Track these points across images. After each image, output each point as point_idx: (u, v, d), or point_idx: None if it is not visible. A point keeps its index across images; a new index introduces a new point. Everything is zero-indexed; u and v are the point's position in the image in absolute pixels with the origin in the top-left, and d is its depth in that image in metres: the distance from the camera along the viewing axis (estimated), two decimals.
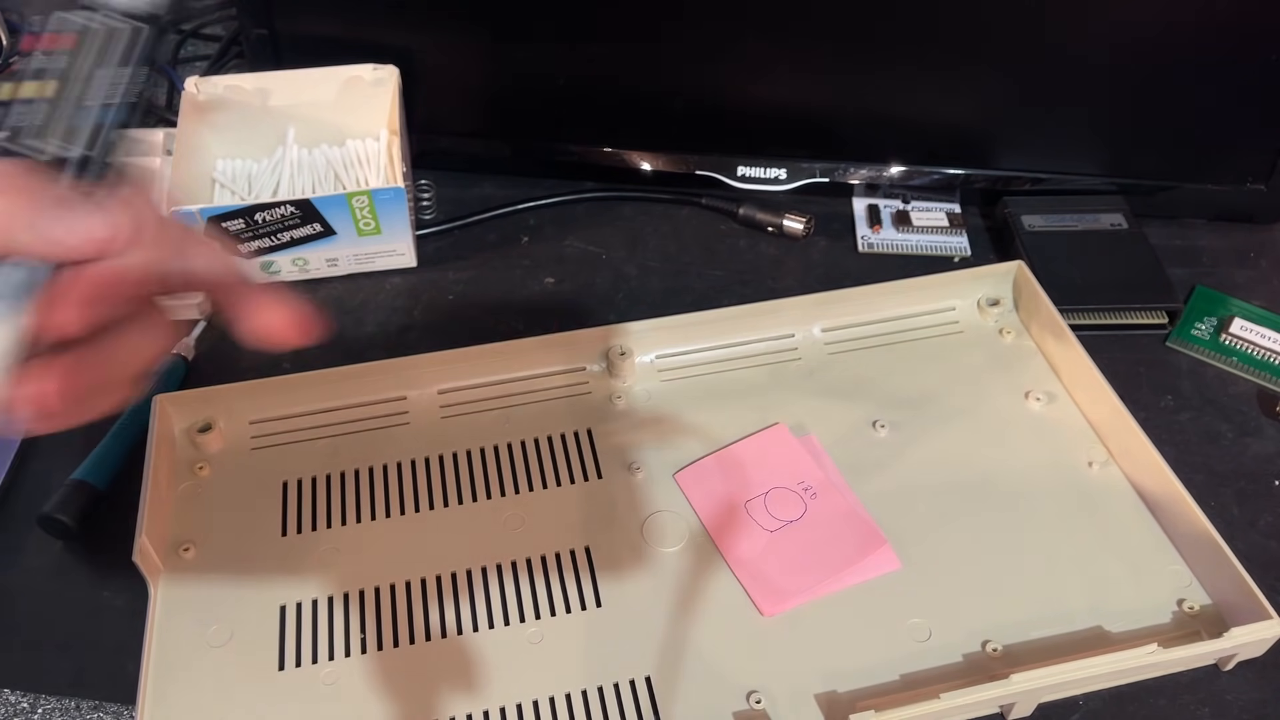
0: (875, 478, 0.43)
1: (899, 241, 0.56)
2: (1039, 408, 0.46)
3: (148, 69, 0.29)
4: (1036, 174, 0.56)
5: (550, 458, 0.44)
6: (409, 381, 0.45)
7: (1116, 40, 0.51)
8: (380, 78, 0.54)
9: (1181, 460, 0.45)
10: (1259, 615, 0.37)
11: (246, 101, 0.54)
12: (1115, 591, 0.39)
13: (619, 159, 0.57)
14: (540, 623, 0.38)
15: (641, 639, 0.38)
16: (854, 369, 0.48)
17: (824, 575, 0.40)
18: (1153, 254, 0.53)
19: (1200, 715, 0.37)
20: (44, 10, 0.30)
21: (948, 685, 0.36)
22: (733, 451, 0.44)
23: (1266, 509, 0.44)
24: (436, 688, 0.36)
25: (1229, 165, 0.55)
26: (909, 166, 0.56)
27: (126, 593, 0.41)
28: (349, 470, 0.43)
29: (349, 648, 0.38)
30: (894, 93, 0.54)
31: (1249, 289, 0.54)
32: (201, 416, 0.44)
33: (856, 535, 0.41)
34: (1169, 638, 0.38)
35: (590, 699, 0.36)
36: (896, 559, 0.41)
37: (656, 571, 0.39)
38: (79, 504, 0.42)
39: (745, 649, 0.38)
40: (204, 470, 0.43)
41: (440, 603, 0.39)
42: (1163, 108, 0.53)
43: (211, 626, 0.38)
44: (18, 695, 0.38)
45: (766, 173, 0.56)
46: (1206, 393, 0.49)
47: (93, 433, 0.45)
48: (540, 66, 0.55)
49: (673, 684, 0.37)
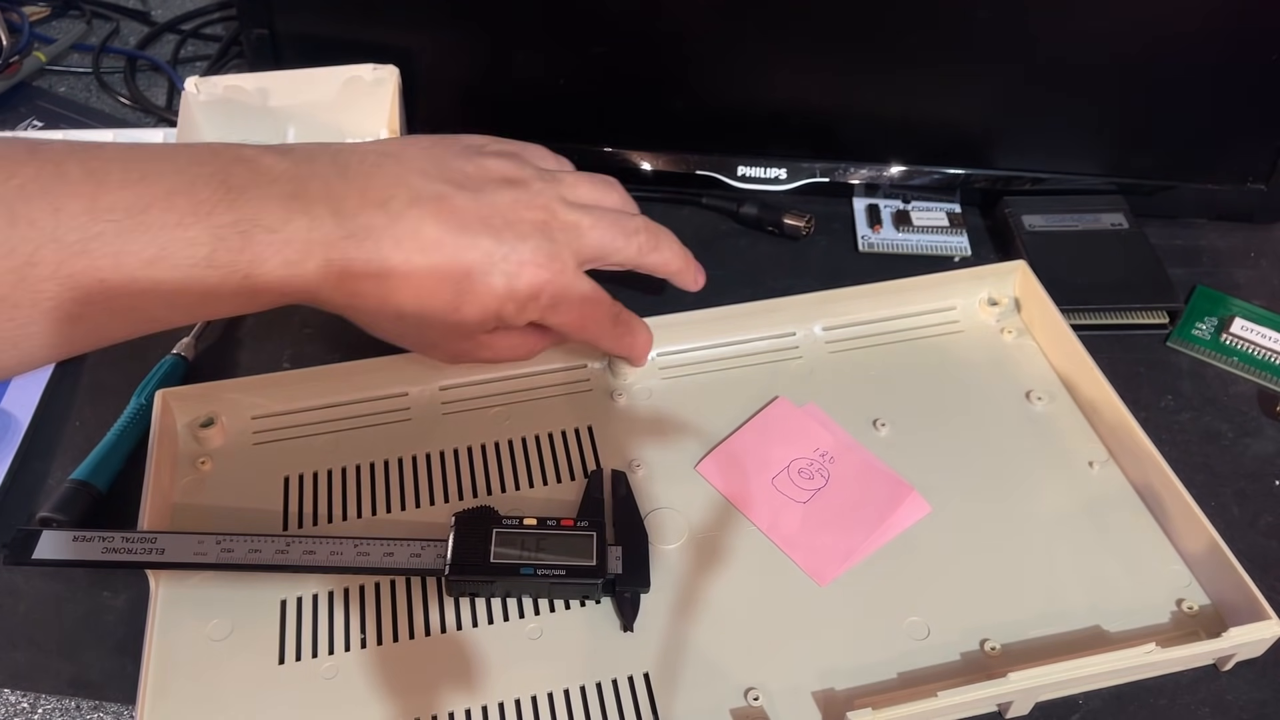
0: None
1: (899, 241, 0.56)
2: (1039, 408, 0.46)
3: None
4: (1036, 174, 0.56)
5: (551, 454, 0.44)
6: (410, 378, 0.46)
7: (1117, 40, 0.51)
8: (380, 78, 0.54)
9: (1181, 460, 0.45)
10: (1258, 615, 0.37)
11: (246, 101, 0.54)
12: (1114, 591, 0.39)
13: (619, 159, 0.57)
14: (540, 619, 0.38)
15: (640, 636, 0.38)
16: (855, 368, 0.48)
17: (866, 533, 0.41)
18: (1153, 254, 0.53)
19: (1200, 715, 0.37)
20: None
21: (945, 683, 0.36)
22: (744, 433, 0.44)
23: (1266, 509, 0.44)
24: (436, 682, 0.37)
25: (1229, 165, 0.55)
26: (909, 166, 0.56)
27: (126, 593, 0.41)
28: (350, 466, 0.43)
29: (349, 642, 0.38)
30: (894, 93, 0.55)
31: (1250, 289, 0.54)
32: (204, 411, 0.44)
33: (884, 489, 0.42)
34: (1168, 637, 0.38)
35: (589, 695, 0.36)
36: (926, 503, 0.41)
37: (656, 568, 0.39)
38: (79, 504, 0.42)
39: (743, 646, 0.38)
40: (206, 465, 0.43)
41: (440, 598, 0.39)
42: (1162, 108, 0.53)
43: (212, 621, 0.38)
44: (18, 695, 0.38)
45: (767, 172, 0.56)
46: (1207, 393, 0.49)
47: (93, 433, 0.45)
48: (540, 66, 0.55)
49: (671, 681, 0.37)
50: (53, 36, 0.69)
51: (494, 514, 0.39)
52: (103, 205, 0.32)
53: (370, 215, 0.35)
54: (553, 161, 0.43)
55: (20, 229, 0.30)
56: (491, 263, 0.37)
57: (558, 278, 0.38)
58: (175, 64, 0.68)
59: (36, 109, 0.64)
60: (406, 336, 0.39)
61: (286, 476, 0.43)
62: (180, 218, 0.32)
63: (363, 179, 0.36)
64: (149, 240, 0.32)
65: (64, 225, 0.31)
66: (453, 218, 0.36)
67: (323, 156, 0.37)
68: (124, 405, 0.46)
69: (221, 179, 0.34)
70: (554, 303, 0.39)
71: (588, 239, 0.39)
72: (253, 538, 0.38)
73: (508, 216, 0.37)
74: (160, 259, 0.32)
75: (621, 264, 0.41)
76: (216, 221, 0.33)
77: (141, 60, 0.69)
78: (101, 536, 0.37)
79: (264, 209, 0.34)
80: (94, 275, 0.32)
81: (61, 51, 0.69)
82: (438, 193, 0.37)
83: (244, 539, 0.38)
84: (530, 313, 0.38)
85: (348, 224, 0.35)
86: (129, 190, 0.32)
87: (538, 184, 0.39)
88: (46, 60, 0.67)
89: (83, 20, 0.71)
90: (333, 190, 0.35)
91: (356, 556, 0.38)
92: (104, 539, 0.37)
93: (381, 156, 0.38)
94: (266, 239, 0.34)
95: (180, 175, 0.33)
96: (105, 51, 0.69)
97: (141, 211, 0.32)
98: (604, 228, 0.40)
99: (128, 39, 0.71)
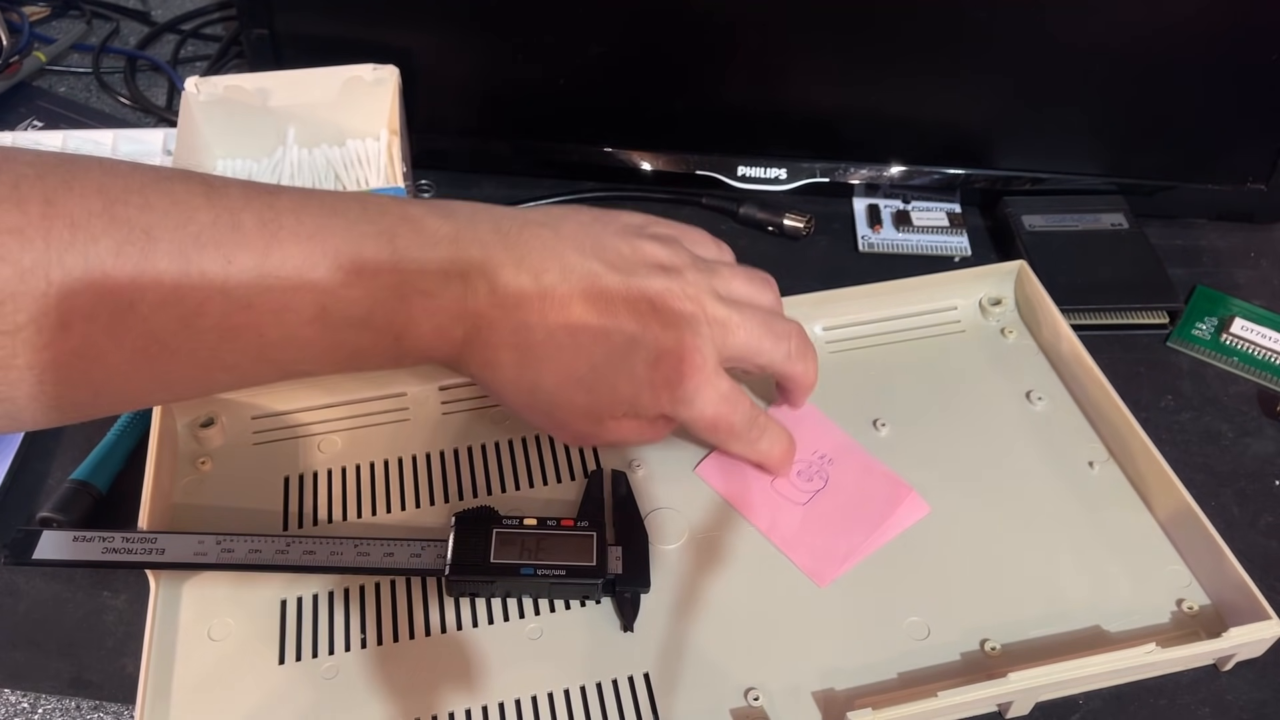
0: None
1: (899, 241, 0.56)
2: (1039, 408, 0.46)
3: None
4: (1036, 174, 0.56)
5: (551, 454, 0.44)
6: (410, 377, 0.45)
7: (1117, 40, 0.51)
8: (380, 78, 0.54)
9: (1181, 460, 0.45)
10: (1258, 615, 0.37)
11: (246, 101, 0.54)
12: (1114, 591, 0.39)
13: (619, 159, 0.57)
14: (540, 619, 0.38)
15: (640, 636, 0.38)
16: (855, 368, 0.48)
17: (865, 534, 0.40)
18: (1153, 254, 0.53)
19: (1200, 715, 0.37)
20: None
21: (945, 683, 0.36)
22: None
23: (1266, 509, 0.44)
24: (436, 682, 0.36)
25: (1229, 165, 0.55)
26: (909, 166, 0.56)
27: (126, 592, 0.41)
28: (350, 466, 0.43)
29: (349, 642, 0.38)
30: (894, 93, 0.55)
31: (1250, 289, 0.54)
32: (204, 411, 0.44)
33: (883, 490, 0.42)
34: (1168, 637, 0.38)
35: (589, 695, 0.36)
36: (925, 504, 0.41)
37: (656, 568, 0.39)
38: (79, 504, 0.42)
39: (743, 646, 0.38)
40: (206, 465, 0.43)
41: (440, 598, 0.39)
42: (1163, 108, 0.53)
43: (212, 621, 0.38)
44: (18, 695, 0.38)
45: (767, 173, 0.56)
46: (1207, 393, 0.49)
47: (93, 433, 0.45)
48: (540, 66, 0.55)
49: (671, 681, 0.37)
50: (53, 36, 0.69)
51: (494, 514, 0.39)
52: (274, 261, 0.32)
53: (522, 286, 0.35)
54: (713, 248, 0.42)
55: (192, 279, 0.30)
56: (633, 349, 0.36)
57: (696, 373, 0.37)
58: (175, 64, 0.68)
59: (36, 109, 0.64)
60: (536, 411, 0.39)
61: (286, 476, 0.43)
62: (346, 278, 0.33)
63: (520, 248, 0.36)
64: (313, 299, 0.32)
65: (234, 279, 0.31)
66: (601, 298, 0.36)
67: (485, 221, 0.37)
68: None
69: (388, 239, 0.34)
70: (690, 398, 0.37)
71: (735, 337, 0.38)
72: (253, 538, 0.38)
73: (656, 304, 0.37)
74: (320, 317, 0.33)
75: (764, 367, 0.40)
76: (379, 284, 0.33)
77: (141, 60, 0.69)
78: (101, 536, 0.37)
79: (424, 274, 0.34)
80: (255, 330, 0.32)
81: (61, 51, 0.69)
82: (590, 271, 0.36)
83: (244, 539, 0.38)
84: (664, 404, 0.38)
85: (499, 293, 0.35)
86: (300, 246, 0.32)
87: (692, 274, 0.38)
88: (46, 60, 0.67)
89: (83, 20, 0.71)
90: (491, 258, 0.35)
91: (356, 556, 0.38)
92: (104, 539, 0.37)
93: (540, 228, 0.37)
94: (423, 303, 0.34)
95: (349, 232, 0.33)
96: (105, 51, 0.69)
97: (311, 269, 0.32)
98: (753, 327, 0.38)
99: (128, 39, 0.71)
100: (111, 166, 0.31)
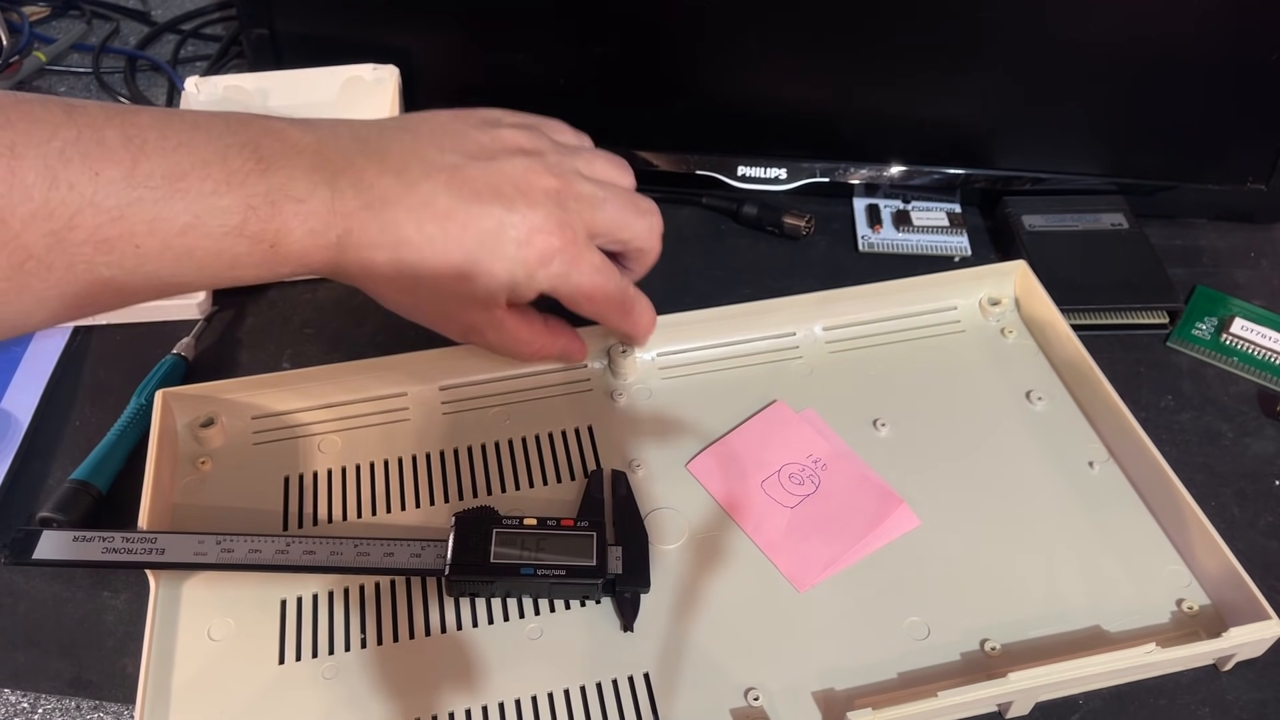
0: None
1: (899, 241, 0.56)
2: (1039, 408, 0.46)
3: None
4: (1036, 174, 0.56)
5: (551, 454, 0.44)
6: (410, 378, 0.46)
7: (1117, 40, 0.51)
8: (380, 78, 0.54)
9: (1181, 460, 0.45)
10: (1258, 615, 0.37)
11: (246, 101, 0.54)
12: (1114, 591, 0.39)
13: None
14: (540, 619, 0.38)
15: (640, 636, 0.38)
16: (855, 368, 0.48)
17: (850, 542, 0.40)
18: (1153, 254, 0.53)
19: (1200, 715, 0.37)
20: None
21: (945, 683, 0.36)
22: (738, 435, 0.44)
23: (1266, 509, 0.44)
24: (436, 682, 0.36)
25: (1229, 165, 0.55)
26: (909, 166, 0.56)
27: (126, 592, 0.41)
28: (350, 466, 0.43)
29: (349, 642, 0.38)
30: (894, 93, 0.55)
31: (1250, 289, 0.54)
32: (204, 411, 0.44)
33: (873, 499, 0.42)
34: (1168, 637, 0.38)
35: (589, 695, 0.36)
36: (915, 516, 0.41)
37: (656, 568, 0.39)
38: (79, 504, 0.42)
39: (743, 646, 0.38)
40: (206, 465, 0.43)
41: (440, 598, 0.39)
42: (1163, 108, 0.53)
43: (212, 621, 0.38)
44: (18, 695, 0.38)
45: (767, 172, 0.56)
46: (1207, 393, 0.49)
47: (93, 433, 0.45)
48: (540, 66, 0.55)
49: (671, 681, 0.37)
50: (53, 36, 0.70)
51: (494, 514, 0.39)
52: (141, 172, 0.32)
53: (386, 187, 0.36)
54: (571, 136, 0.43)
55: (60, 192, 0.31)
56: (503, 229, 0.37)
57: (569, 246, 0.38)
58: (175, 64, 0.68)
59: None
60: (420, 308, 0.39)
61: (286, 476, 0.43)
62: (215, 186, 0.33)
63: (381, 152, 0.37)
64: (184, 208, 0.33)
65: (102, 190, 0.31)
66: (465, 186, 0.37)
67: (344, 131, 0.38)
68: (124, 405, 0.46)
69: (253, 149, 0.34)
70: (565, 270, 0.39)
71: (601, 212, 0.39)
72: (253, 538, 0.38)
73: (520, 185, 0.38)
74: (194, 226, 0.33)
75: (627, 241, 0.41)
76: (249, 191, 0.34)
77: (141, 60, 0.69)
78: (101, 536, 0.37)
79: (292, 180, 0.35)
80: (129, 241, 0.32)
81: (61, 51, 0.69)
82: (452, 163, 0.37)
83: (244, 539, 0.38)
84: (541, 280, 0.38)
85: (365, 195, 0.36)
86: (166, 158, 0.33)
87: (553, 155, 0.40)
88: (46, 60, 0.67)
89: (83, 20, 0.71)
90: (353, 163, 0.36)
91: (356, 556, 0.38)
92: (104, 539, 0.37)
93: (399, 130, 0.38)
94: (294, 209, 0.35)
95: (214, 144, 0.34)
96: (105, 51, 0.69)
97: (179, 179, 0.33)
98: (618, 203, 0.40)
99: (128, 39, 0.71)
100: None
